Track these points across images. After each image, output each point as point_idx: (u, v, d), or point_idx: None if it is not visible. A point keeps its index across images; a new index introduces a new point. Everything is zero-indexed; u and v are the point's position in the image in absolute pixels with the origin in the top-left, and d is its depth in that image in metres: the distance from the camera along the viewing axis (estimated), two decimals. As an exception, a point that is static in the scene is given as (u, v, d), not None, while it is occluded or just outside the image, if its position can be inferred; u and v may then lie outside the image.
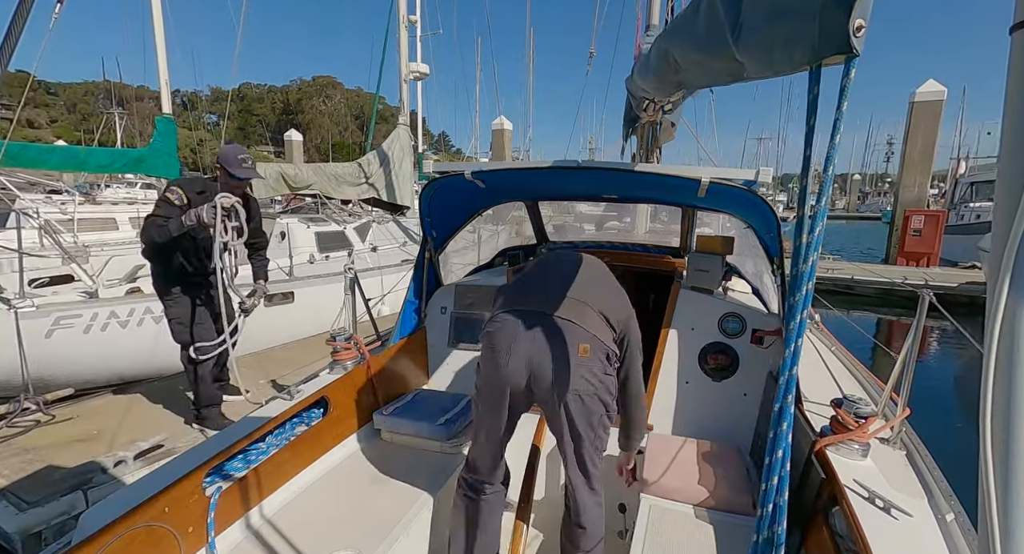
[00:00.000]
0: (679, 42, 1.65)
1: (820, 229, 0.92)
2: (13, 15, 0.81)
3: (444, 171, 2.38)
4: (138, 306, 4.93)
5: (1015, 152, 0.61)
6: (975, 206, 14.33)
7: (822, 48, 0.88)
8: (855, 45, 0.83)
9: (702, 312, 2.45)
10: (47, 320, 4.42)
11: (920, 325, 1.64)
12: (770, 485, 0.95)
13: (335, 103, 58.03)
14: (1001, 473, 0.60)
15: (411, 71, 9.47)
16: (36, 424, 3.66)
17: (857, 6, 0.81)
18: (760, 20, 1.11)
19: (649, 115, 3.07)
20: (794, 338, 0.97)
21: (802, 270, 0.93)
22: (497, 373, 1.57)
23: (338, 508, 1.88)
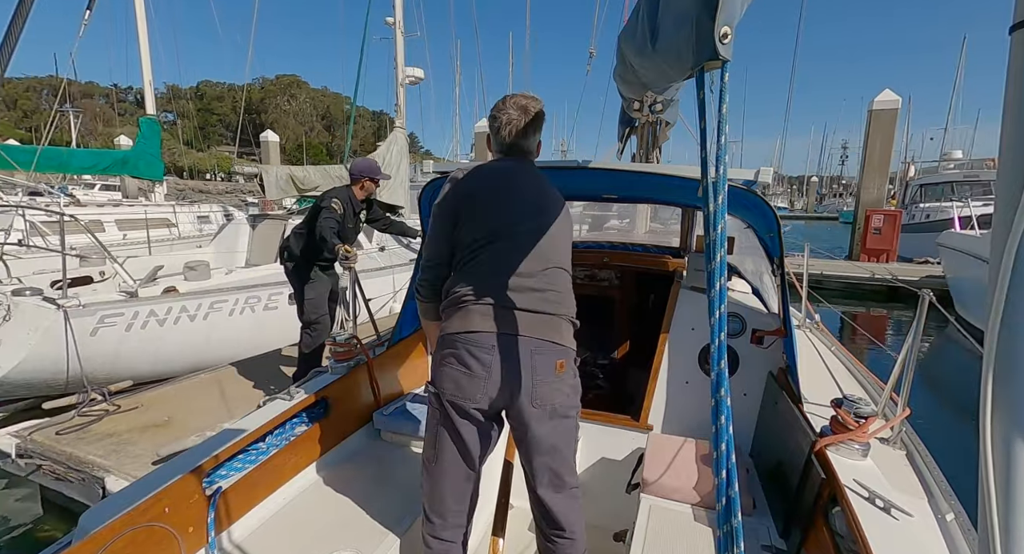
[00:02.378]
0: (627, 45, 1.71)
1: (722, 226, 0.96)
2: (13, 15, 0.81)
3: (444, 171, 2.40)
4: (175, 305, 5.18)
5: (1015, 152, 0.62)
6: (924, 206, 15.50)
7: (701, 53, 0.93)
8: (721, 52, 0.86)
9: (702, 312, 2.54)
10: (92, 319, 4.63)
11: (920, 325, 1.64)
12: (720, 479, 0.96)
13: (300, 102, 56.95)
14: (1001, 473, 0.60)
15: (407, 76, 9.76)
16: (105, 413, 3.91)
17: (720, 15, 0.85)
18: (665, 26, 1.17)
19: (642, 115, 3.12)
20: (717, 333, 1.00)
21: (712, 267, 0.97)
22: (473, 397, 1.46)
23: (338, 508, 1.88)
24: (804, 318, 3.42)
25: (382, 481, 2.07)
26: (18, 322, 4.30)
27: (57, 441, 3.46)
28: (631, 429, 2.43)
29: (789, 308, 2.22)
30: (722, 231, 0.94)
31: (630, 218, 6.04)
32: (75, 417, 3.81)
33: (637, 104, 2.94)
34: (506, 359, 1.45)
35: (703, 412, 2.41)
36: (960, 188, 15.35)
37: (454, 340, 1.51)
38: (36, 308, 4.41)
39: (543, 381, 1.48)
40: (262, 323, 5.79)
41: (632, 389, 2.88)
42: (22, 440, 3.46)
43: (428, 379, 1.77)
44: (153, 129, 10.68)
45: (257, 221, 7.77)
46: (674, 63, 1.15)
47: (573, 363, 1.57)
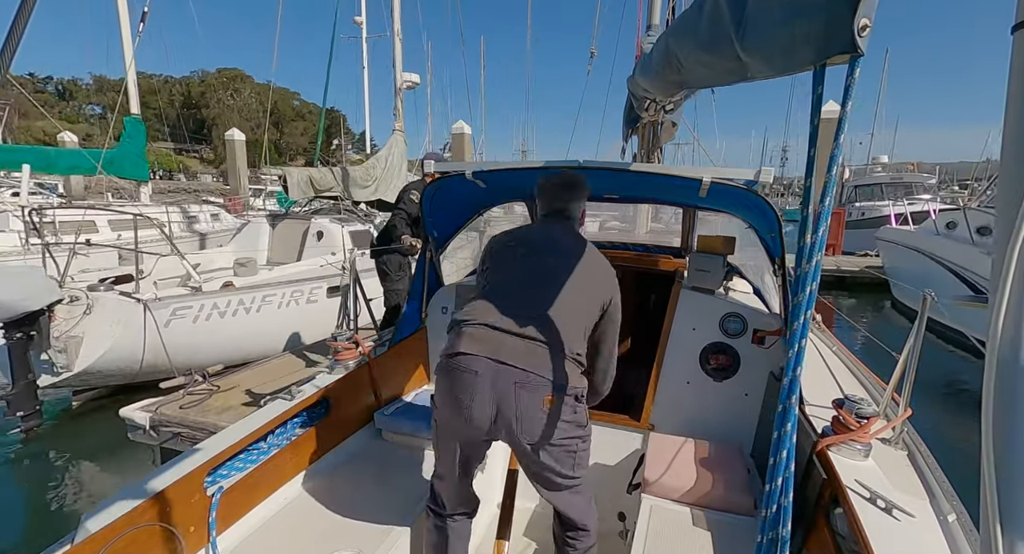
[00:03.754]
0: (682, 41, 1.66)
1: (824, 229, 0.92)
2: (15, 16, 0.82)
3: (445, 171, 2.40)
4: (233, 298, 5.68)
5: (1015, 152, 0.62)
6: (859, 205, 17.47)
7: (827, 47, 0.89)
8: (860, 45, 0.84)
9: (703, 312, 2.47)
10: (167, 311, 5.12)
11: (922, 326, 1.64)
12: (774, 486, 0.94)
13: (245, 97, 54.71)
14: (1003, 473, 0.60)
15: (404, 80, 10.28)
16: (209, 393, 4.28)
17: (862, 6, 0.83)
18: (765, 19, 1.11)
19: (651, 115, 3.09)
20: (797, 338, 0.96)
21: (805, 270, 0.93)
22: (457, 423, 1.49)
23: (338, 508, 1.88)
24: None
25: (382, 481, 2.08)
26: (100, 316, 4.65)
27: (185, 413, 3.90)
28: (631, 429, 2.44)
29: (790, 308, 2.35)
30: (823, 234, 0.91)
31: (630, 218, 6.12)
32: (184, 396, 4.18)
33: (648, 104, 2.91)
34: (489, 386, 1.42)
35: (704, 412, 2.38)
36: (888, 189, 17.53)
37: (445, 361, 1.53)
38: (118, 302, 4.82)
39: (529, 417, 1.44)
40: (305, 314, 6.31)
41: (632, 389, 2.91)
42: (153, 414, 3.88)
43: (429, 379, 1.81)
44: (138, 129, 10.65)
45: (276, 221, 8.08)
46: (774, 59, 1.12)
47: (575, 400, 1.49)
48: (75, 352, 4.54)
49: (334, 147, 42.05)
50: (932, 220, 9.46)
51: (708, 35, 1.39)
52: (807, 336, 0.97)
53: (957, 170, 30.55)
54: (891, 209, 12.27)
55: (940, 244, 8.51)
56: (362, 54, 17.61)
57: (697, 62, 1.60)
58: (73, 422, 5.07)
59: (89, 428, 5.05)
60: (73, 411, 5.16)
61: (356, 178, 8.65)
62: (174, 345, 5.08)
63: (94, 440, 4.83)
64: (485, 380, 1.44)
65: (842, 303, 11.73)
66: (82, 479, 4.40)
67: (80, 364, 4.59)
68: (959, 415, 5.36)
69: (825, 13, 0.89)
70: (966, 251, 7.75)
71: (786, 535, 0.89)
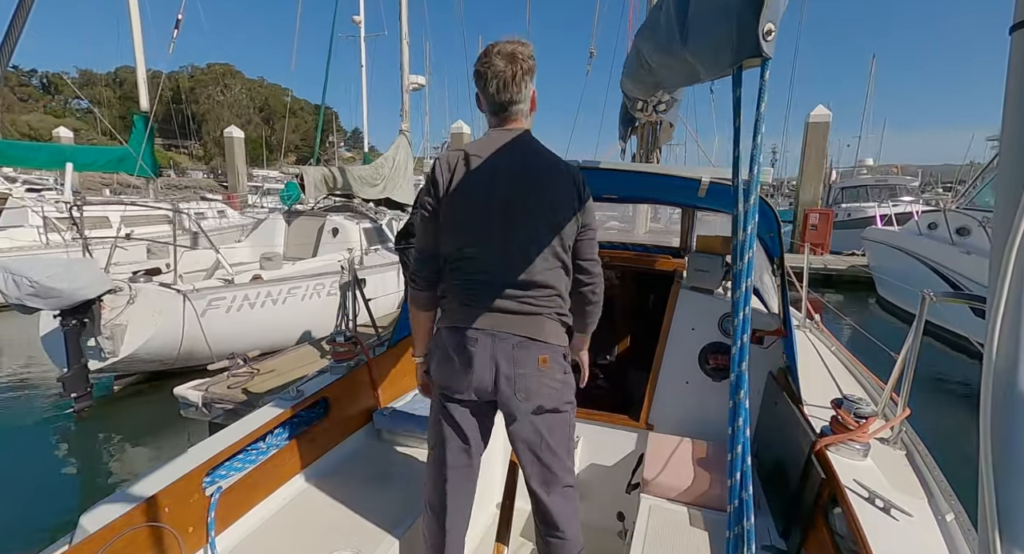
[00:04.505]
0: (647, 44, 1.66)
1: (753, 225, 0.93)
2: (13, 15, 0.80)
3: None
4: (262, 290, 5.92)
5: (1015, 152, 0.61)
6: (845, 206, 17.53)
7: (741, 51, 0.92)
8: (765, 49, 0.86)
9: (702, 312, 2.45)
10: (203, 302, 5.34)
11: (921, 325, 1.62)
12: (734, 481, 0.94)
13: (235, 93, 54.36)
14: (1001, 473, 0.60)
15: (410, 82, 10.63)
16: (251, 375, 4.56)
17: (765, 10, 0.84)
18: (698, 24, 1.14)
19: (645, 115, 3.06)
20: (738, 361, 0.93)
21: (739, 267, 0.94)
22: (460, 384, 1.48)
23: (338, 508, 1.86)
24: (804, 318, 3.43)
25: (382, 481, 2.05)
26: (143, 305, 4.87)
27: (235, 392, 4.16)
28: (631, 429, 2.41)
29: (789, 308, 2.21)
30: (751, 232, 0.92)
31: (630, 218, 6.20)
32: (229, 377, 4.48)
33: (641, 104, 2.90)
34: (488, 352, 1.44)
35: (703, 412, 2.34)
36: (873, 190, 17.75)
37: (440, 334, 1.54)
38: (159, 293, 5.05)
39: (526, 374, 1.46)
40: (326, 306, 6.33)
41: (632, 389, 2.88)
42: (204, 393, 4.17)
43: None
44: (145, 126, 10.90)
45: (292, 217, 8.30)
46: (708, 61, 1.14)
47: (563, 359, 1.52)
48: (121, 339, 4.77)
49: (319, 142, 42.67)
50: (915, 221, 9.79)
51: (664, 38, 1.43)
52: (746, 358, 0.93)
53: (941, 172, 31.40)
54: (876, 210, 12.88)
55: (922, 244, 8.81)
56: (360, 53, 17.83)
57: (659, 64, 1.61)
58: (114, 405, 5.30)
59: (128, 410, 5.29)
60: (114, 395, 5.38)
61: (366, 177, 8.92)
62: (209, 334, 5.32)
63: (135, 420, 5.13)
64: (484, 351, 1.46)
65: (829, 299, 12.29)
66: (124, 455, 4.65)
67: (125, 350, 4.81)
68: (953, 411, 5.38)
69: (736, 19, 0.92)
70: (946, 250, 8.04)
71: (750, 528, 0.90)
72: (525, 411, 1.49)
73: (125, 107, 50.72)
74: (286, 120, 29.23)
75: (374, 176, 9.03)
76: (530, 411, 1.49)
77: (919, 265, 8.69)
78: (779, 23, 0.87)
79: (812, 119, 15.54)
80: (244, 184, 22.10)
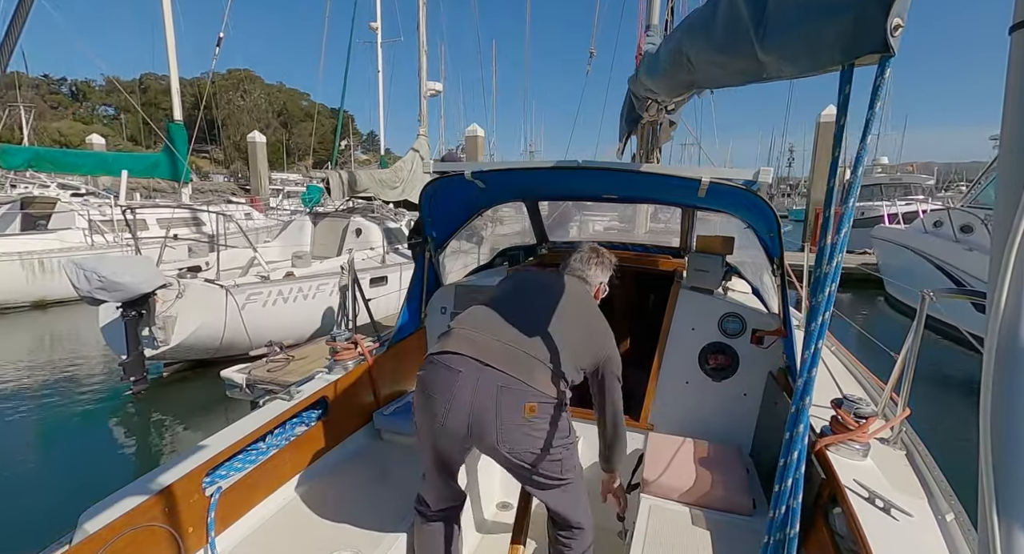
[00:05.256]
0: (694, 41, 1.58)
1: (846, 230, 0.87)
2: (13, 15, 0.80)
3: (444, 171, 2.33)
4: (294, 286, 6.27)
5: (1015, 152, 0.61)
6: (859, 205, 18.75)
7: (857, 47, 0.85)
8: (892, 44, 0.80)
9: (702, 312, 2.41)
10: (243, 296, 5.70)
11: (920, 325, 1.59)
12: (784, 487, 0.92)
13: (254, 98, 55.96)
14: (1001, 473, 0.59)
15: (428, 89, 11.15)
16: (287, 361, 4.86)
17: (896, 4, 0.78)
18: (788, 18, 1.06)
19: (651, 115, 2.99)
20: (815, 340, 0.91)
21: (825, 272, 0.88)
22: (433, 425, 1.43)
23: (338, 508, 1.83)
24: (804, 318, 3.30)
25: (382, 481, 2.02)
26: (190, 299, 5.24)
27: (274, 375, 4.50)
28: (631, 429, 2.33)
29: (789, 308, 2.17)
30: (845, 235, 0.87)
31: (630, 218, 6.11)
32: (268, 363, 4.82)
33: (650, 104, 2.81)
34: (470, 390, 1.38)
35: (703, 412, 2.30)
36: (887, 189, 17.33)
37: (428, 358, 1.49)
38: (205, 288, 5.41)
39: (510, 424, 1.37)
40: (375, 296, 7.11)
41: (632, 389, 2.81)
42: (247, 376, 4.57)
43: None
44: (180, 133, 11.61)
45: (318, 219, 8.64)
46: (799, 59, 1.06)
47: (557, 408, 1.43)
48: (171, 329, 5.16)
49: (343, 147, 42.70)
50: (921, 219, 9.83)
51: (724, 35, 1.32)
52: (824, 338, 0.92)
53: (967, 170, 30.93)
54: (884, 210, 13.06)
55: (927, 241, 8.83)
56: (377, 58, 18.38)
57: (710, 62, 1.52)
58: (163, 388, 5.69)
59: (176, 393, 5.71)
60: (163, 380, 5.80)
61: (386, 180, 9.31)
62: (248, 324, 5.71)
63: (182, 401, 5.60)
64: (467, 381, 1.37)
65: (839, 298, 12.49)
66: (174, 430, 5.07)
67: (175, 339, 5.19)
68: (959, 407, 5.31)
69: (855, 12, 0.85)
70: (950, 248, 8.07)
71: (793, 536, 0.88)
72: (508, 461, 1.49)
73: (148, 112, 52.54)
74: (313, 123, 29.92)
75: (393, 179, 9.47)
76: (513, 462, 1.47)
77: (925, 263, 8.70)
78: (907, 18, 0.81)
79: (823, 119, 15.26)
80: (267, 187, 22.95)
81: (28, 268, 8.76)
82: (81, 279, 4.44)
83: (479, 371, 1.40)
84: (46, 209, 9.78)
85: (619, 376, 1.67)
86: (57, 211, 9.78)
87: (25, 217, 9.62)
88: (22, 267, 8.71)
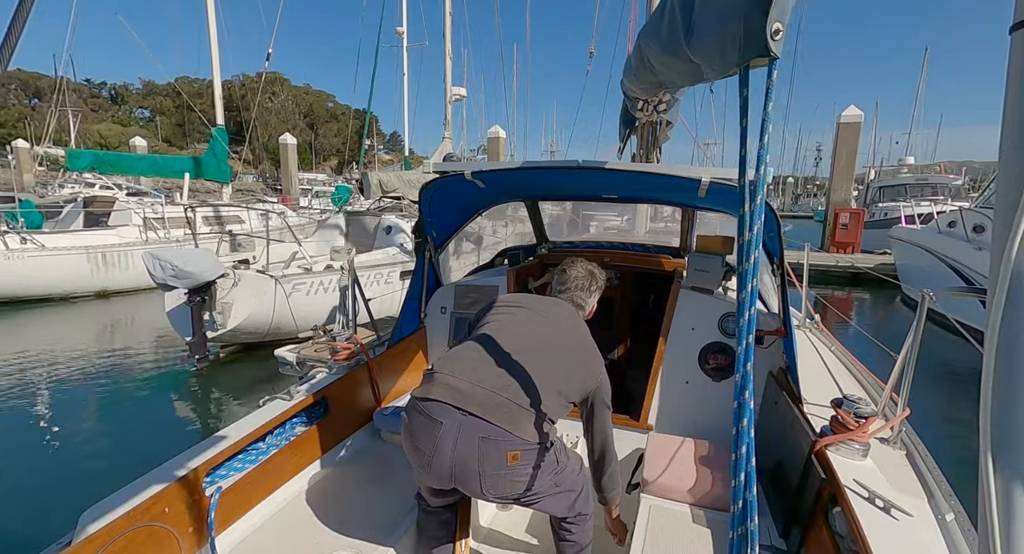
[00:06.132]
0: (650, 44, 1.62)
1: (759, 227, 0.89)
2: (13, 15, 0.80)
3: (444, 171, 2.33)
4: (334, 277, 6.66)
5: (1015, 151, 0.60)
6: (882, 206, 17.03)
7: (746, 51, 0.91)
8: (772, 48, 0.85)
9: (702, 312, 2.38)
10: (289, 286, 6.21)
11: (920, 325, 1.56)
12: (738, 481, 0.92)
13: (282, 100, 57.88)
14: (1001, 473, 0.59)
15: (453, 94, 11.78)
16: (332, 342, 5.81)
17: (773, 10, 0.83)
18: (703, 24, 1.12)
19: (645, 115, 2.97)
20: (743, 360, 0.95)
21: (744, 268, 0.90)
22: (420, 463, 1.41)
23: (338, 508, 1.81)
24: (804, 318, 3.32)
25: (382, 481, 1.99)
26: (244, 288, 5.73)
27: (319, 354, 4.80)
28: (631, 429, 2.36)
29: (789, 308, 2.13)
30: (758, 233, 0.89)
31: (630, 218, 6.16)
32: (313, 344, 5.15)
33: (641, 104, 2.80)
34: (452, 441, 1.35)
35: (703, 412, 2.26)
36: (912, 189, 16.97)
37: (412, 403, 1.45)
38: (257, 278, 5.93)
39: (493, 473, 1.35)
40: (383, 291, 7.22)
41: (632, 389, 2.83)
42: (297, 355, 4.97)
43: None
44: (223, 137, 12.49)
45: (352, 216, 9.12)
46: (713, 61, 1.11)
47: (538, 455, 1.39)
48: (228, 314, 5.62)
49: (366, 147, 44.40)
50: (936, 220, 9.73)
51: (667, 38, 1.37)
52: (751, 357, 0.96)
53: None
54: (902, 210, 12.93)
55: (941, 241, 8.75)
56: (402, 62, 19.04)
57: (663, 64, 1.55)
58: (220, 368, 6.20)
59: (230, 372, 6.16)
60: (220, 360, 6.33)
61: (414, 181, 9.90)
62: (294, 311, 6.26)
63: (236, 379, 6.09)
64: (448, 432, 1.34)
65: (856, 298, 11.86)
66: (229, 403, 5.52)
67: (232, 323, 5.67)
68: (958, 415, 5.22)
69: (742, 18, 0.90)
70: (962, 247, 7.99)
71: (754, 529, 0.89)
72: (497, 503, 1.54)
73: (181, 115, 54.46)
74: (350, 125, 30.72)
75: (420, 180, 10.18)
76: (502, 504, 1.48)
77: (939, 262, 8.63)
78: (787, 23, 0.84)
79: (843, 119, 15.04)
80: (297, 187, 23.96)
81: (93, 261, 9.56)
82: (157, 268, 5.11)
83: (460, 421, 1.35)
84: (105, 207, 10.70)
85: (608, 403, 1.62)
86: (115, 209, 10.72)
87: (87, 215, 10.53)
88: (88, 260, 9.53)
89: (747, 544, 0.89)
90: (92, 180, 15.52)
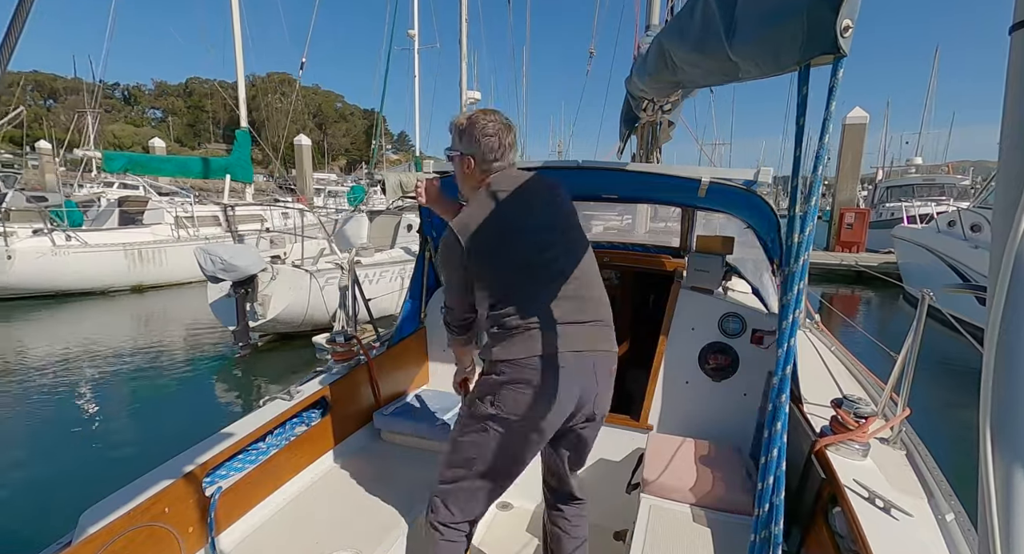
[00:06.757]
0: (675, 42, 1.60)
1: (811, 228, 0.89)
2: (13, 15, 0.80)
3: (444, 172, 2.28)
4: (361, 272, 7.57)
5: (1015, 152, 0.60)
6: (889, 205, 17.02)
7: (809, 48, 0.89)
8: (842, 45, 0.83)
9: (702, 312, 2.37)
10: (323, 280, 6.45)
11: (920, 325, 1.54)
12: (766, 484, 0.91)
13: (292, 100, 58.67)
14: (1001, 472, 0.58)
15: (468, 98, 12.26)
16: (360, 333, 6.26)
17: (844, 6, 0.81)
18: (752, 20, 1.09)
19: (648, 115, 2.94)
20: (787, 338, 0.92)
21: (793, 270, 0.89)
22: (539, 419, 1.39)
23: (338, 508, 1.81)
24: (804, 318, 3.22)
25: (382, 481, 1.97)
26: (281, 281, 6.05)
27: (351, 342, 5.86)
28: (631, 429, 2.35)
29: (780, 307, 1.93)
30: (810, 234, 0.87)
31: (630, 218, 6.18)
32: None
33: (646, 104, 2.76)
34: (574, 378, 1.38)
35: (703, 412, 2.26)
36: (919, 189, 16.99)
37: (519, 365, 1.39)
38: (293, 272, 6.24)
39: (604, 393, 1.45)
40: (403, 286, 7.41)
41: (632, 389, 2.82)
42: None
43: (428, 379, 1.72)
44: (246, 139, 13.04)
45: (373, 215, 9.50)
46: (762, 59, 1.10)
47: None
48: (268, 305, 5.96)
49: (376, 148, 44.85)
50: (936, 219, 9.86)
51: (700, 36, 1.34)
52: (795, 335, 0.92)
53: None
54: (904, 211, 12.67)
55: (940, 240, 8.89)
56: (413, 64, 19.43)
57: (689, 63, 1.53)
58: (259, 355, 6.52)
59: (269, 359, 6.54)
60: (259, 348, 6.70)
61: None
62: (327, 304, 6.58)
63: (274, 365, 6.50)
64: (568, 373, 1.40)
65: (861, 296, 11.83)
66: (269, 386, 5.84)
67: (271, 313, 5.98)
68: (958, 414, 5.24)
69: (807, 14, 0.88)
70: (960, 246, 8.13)
71: (778, 533, 0.86)
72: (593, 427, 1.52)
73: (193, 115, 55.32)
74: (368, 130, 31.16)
75: (435, 181, 10.70)
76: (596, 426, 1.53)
77: (936, 260, 8.79)
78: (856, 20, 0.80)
79: (849, 121, 15.02)
80: (311, 187, 24.58)
81: (130, 257, 10.07)
82: (208, 262, 5.61)
83: (574, 359, 1.40)
84: (139, 207, 11.31)
85: None
86: (149, 208, 11.32)
87: (122, 214, 11.14)
88: (125, 256, 10.05)
89: (770, 547, 0.88)
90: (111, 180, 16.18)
